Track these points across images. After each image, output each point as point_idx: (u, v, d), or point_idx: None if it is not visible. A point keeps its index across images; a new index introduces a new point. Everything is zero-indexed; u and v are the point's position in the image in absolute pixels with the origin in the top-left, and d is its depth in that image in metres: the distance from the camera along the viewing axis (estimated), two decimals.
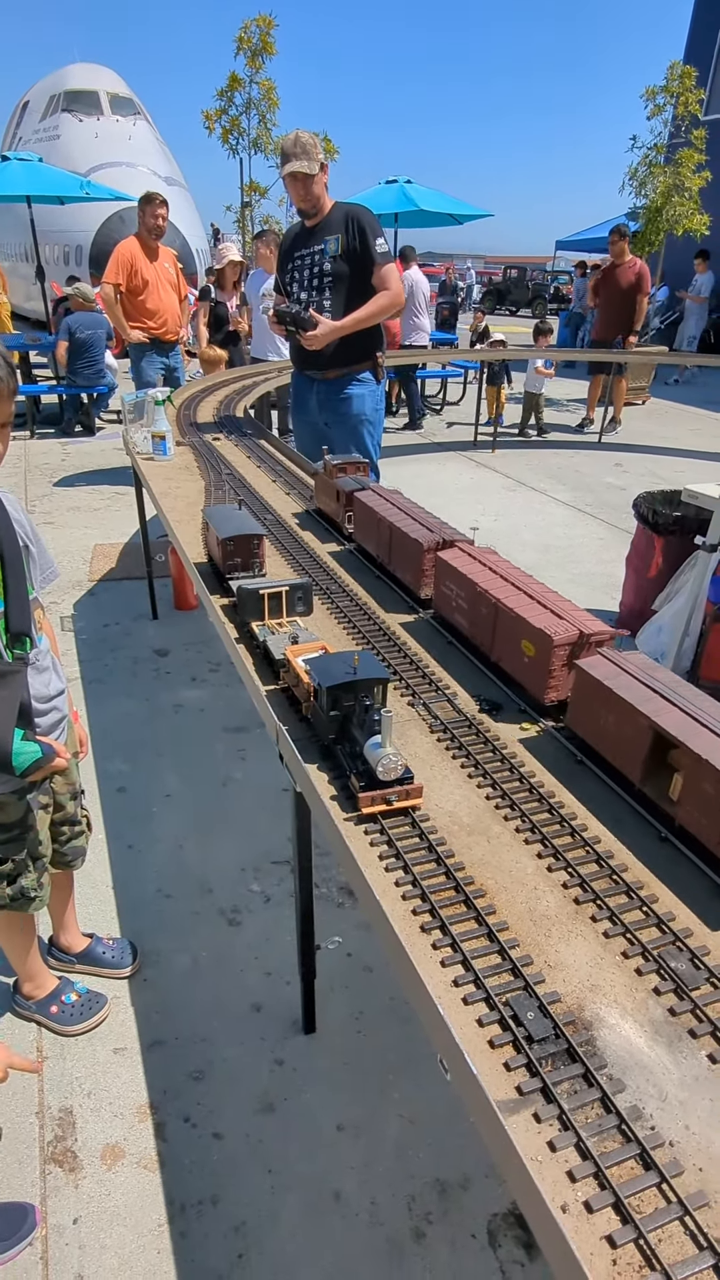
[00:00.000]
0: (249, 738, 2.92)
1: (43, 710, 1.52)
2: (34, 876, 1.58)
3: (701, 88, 11.10)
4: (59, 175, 9.40)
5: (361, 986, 1.92)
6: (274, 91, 14.07)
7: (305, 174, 3.02)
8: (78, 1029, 1.79)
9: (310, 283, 3.23)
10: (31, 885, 1.58)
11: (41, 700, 1.51)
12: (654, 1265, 0.67)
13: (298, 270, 3.28)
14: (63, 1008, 1.80)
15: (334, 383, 3.37)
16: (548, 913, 1.02)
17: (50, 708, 1.54)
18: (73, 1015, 1.80)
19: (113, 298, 5.43)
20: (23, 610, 1.39)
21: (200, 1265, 1.39)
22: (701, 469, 6.96)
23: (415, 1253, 1.42)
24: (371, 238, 3.10)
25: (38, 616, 1.48)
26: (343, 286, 3.18)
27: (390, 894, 1.05)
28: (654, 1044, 0.85)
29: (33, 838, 1.57)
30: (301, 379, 3.52)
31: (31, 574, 1.47)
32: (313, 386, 3.44)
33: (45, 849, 1.62)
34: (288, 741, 1.33)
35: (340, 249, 3.14)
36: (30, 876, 1.58)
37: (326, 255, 3.17)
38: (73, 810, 1.72)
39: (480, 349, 8.80)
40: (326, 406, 3.44)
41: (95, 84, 14.81)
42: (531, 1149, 0.75)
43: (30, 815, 1.55)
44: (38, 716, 1.49)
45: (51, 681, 1.55)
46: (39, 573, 1.52)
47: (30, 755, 1.38)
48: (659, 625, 3.23)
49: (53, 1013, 1.80)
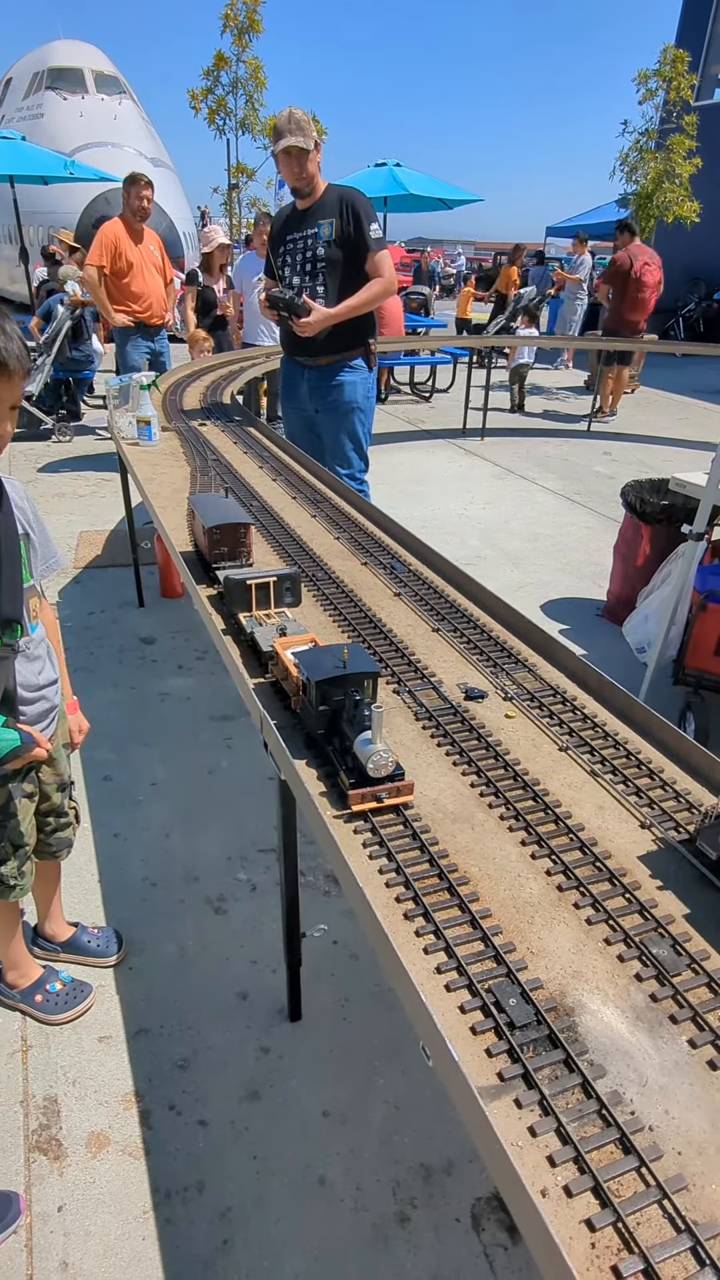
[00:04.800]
0: (236, 726, 2.91)
1: (30, 699, 1.50)
2: (14, 865, 1.58)
3: (693, 73, 11.04)
4: (43, 155, 9.23)
5: (347, 974, 1.93)
6: (261, 71, 13.89)
7: (300, 149, 2.94)
8: (62, 1018, 1.78)
9: (303, 267, 3.17)
10: (11, 873, 1.57)
11: (29, 689, 1.49)
12: (632, 1248, 0.67)
13: (290, 254, 3.21)
14: (47, 996, 1.80)
15: (325, 369, 3.31)
16: (531, 900, 1.03)
17: (38, 697, 1.52)
18: (57, 1004, 1.79)
19: (96, 280, 5.35)
20: (14, 597, 1.37)
21: (185, 1251, 1.40)
22: (689, 458, 6.98)
23: (400, 1237, 1.43)
24: (366, 223, 3.06)
25: (34, 605, 1.46)
26: (336, 272, 3.13)
27: (374, 881, 1.04)
28: (635, 1030, 0.86)
29: (13, 826, 1.55)
30: (292, 365, 3.45)
31: (31, 562, 1.45)
32: (303, 373, 3.38)
33: (28, 839, 1.61)
34: (274, 733, 1.32)
35: (335, 234, 3.08)
36: (10, 865, 1.57)
37: (320, 240, 3.11)
38: (59, 801, 1.71)
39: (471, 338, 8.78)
40: (317, 394, 3.38)
41: (80, 61, 14.54)
42: (512, 1134, 0.75)
43: (11, 803, 1.53)
44: (24, 705, 1.48)
45: (44, 670, 1.53)
46: (40, 561, 1.50)
47: (8, 743, 1.36)
48: (646, 614, 3.24)
49: (37, 1001, 1.79)
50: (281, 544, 2.14)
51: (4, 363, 1.23)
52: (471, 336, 8.77)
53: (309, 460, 2.93)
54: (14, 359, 1.25)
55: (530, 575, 4.47)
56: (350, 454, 3.47)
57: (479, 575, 1.95)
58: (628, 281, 7.86)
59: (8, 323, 1.25)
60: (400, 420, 8.32)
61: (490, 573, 4.42)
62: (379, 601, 1.86)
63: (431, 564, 2.07)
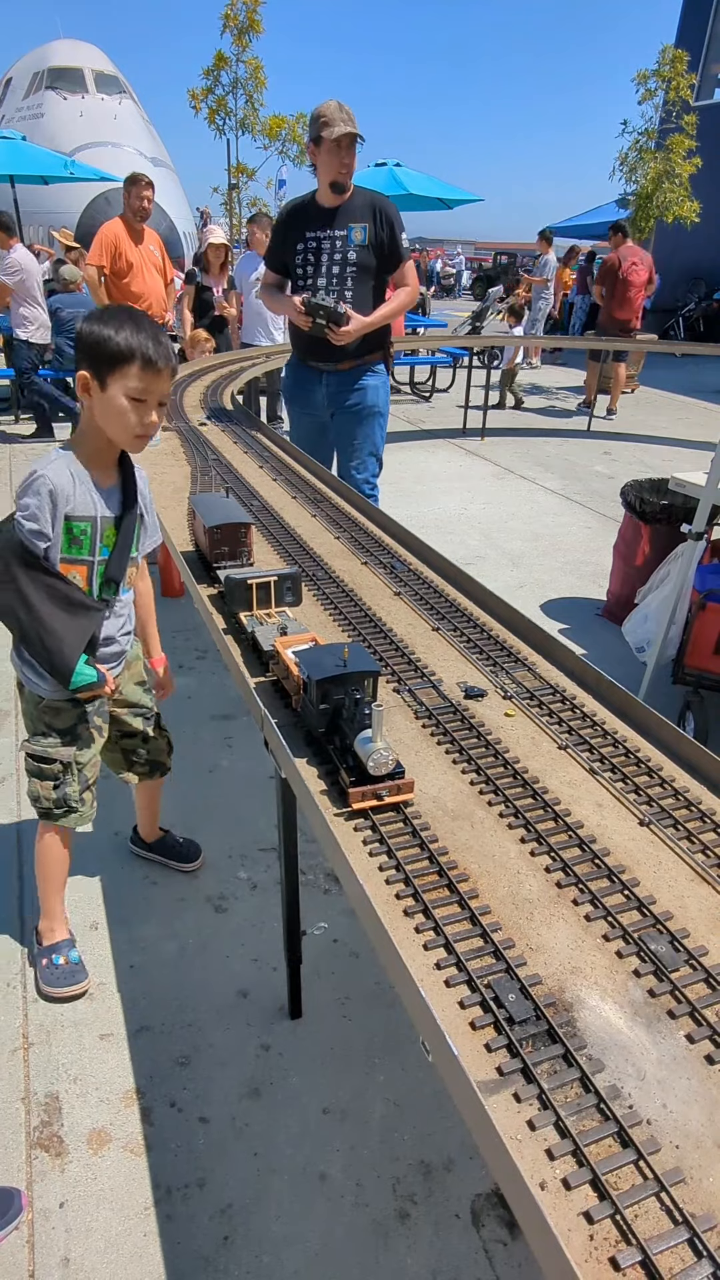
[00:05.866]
0: (236, 725, 2.92)
1: (106, 645, 1.73)
2: (77, 788, 1.75)
3: (693, 73, 11.04)
4: (43, 154, 9.25)
5: (347, 972, 1.93)
6: (261, 71, 13.89)
7: (356, 136, 2.83)
8: (55, 992, 1.83)
9: (329, 269, 3.04)
10: (74, 795, 1.75)
11: (108, 639, 1.73)
12: (630, 1240, 0.68)
13: (313, 253, 3.05)
14: (51, 967, 1.86)
15: (347, 374, 3.21)
16: (530, 896, 1.03)
17: (114, 645, 1.76)
18: (55, 978, 1.85)
19: (96, 280, 5.36)
20: (121, 564, 1.66)
21: (186, 1247, 1.40)
22: (689, 458, 6.98)
23: (400, 1233, 1.44)
24: (399, 232, 3.03)
25: (131, 573, 1.73)
26: (366, 278, 3.07)
27: (374, 878, 1.05)
28: (633, 1025, 0.86)
29: (81, 746, 1.74)
30: (305, 370, 3.30)
31: (140, 538, 1.72)
32: (321, 378, 3.25)
33: (93, 768, 1.79)
34: (274, 731, 1.33)
35: (369, 239, 3.01)
36: (74, 786, 1.74)
37: (352, 244, 3.02)
38: (141, 727, 1.92)
39: (473, 336, 8.78)
40: (337, 398, 3.27)
41: (80, 61, 14.57)
42: (511, 1128, 0.76)
43: (81, 725, 1.73)
44: (102, 648, 1.71)
45: (124, 626, 1.78)
46: (147, 538, 1.76)
47: (87, 677, 1.61)
48: (645, 614, 3.24)
49: (43, 965, 1.87)
50: (282, 543, 2.14)
51: (153, 361, 1.46)
52: (471, 336, 8.76)
53: (309, 460, 2.94)
54: (163, 359, 1.48)
55: (530, 575, 4.47)
56: (368, 458, 3.41)
57: (479, 575, 1.96)
58: (616, 281, 7.96)
59: (156, 329, 1.49)
60: (400, 420, 8.32)
61: (490, 572, 4.42)
62: (379, 601, 1.86)
63: (431, 563, 2.08)
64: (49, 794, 1.73)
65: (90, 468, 1.59)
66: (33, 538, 1.54)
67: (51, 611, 1.55)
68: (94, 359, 1.46)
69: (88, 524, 1.58)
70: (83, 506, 1.57)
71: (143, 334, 1.45)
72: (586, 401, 8.62)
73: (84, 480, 1.58)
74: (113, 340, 1.44)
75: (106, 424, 1.53)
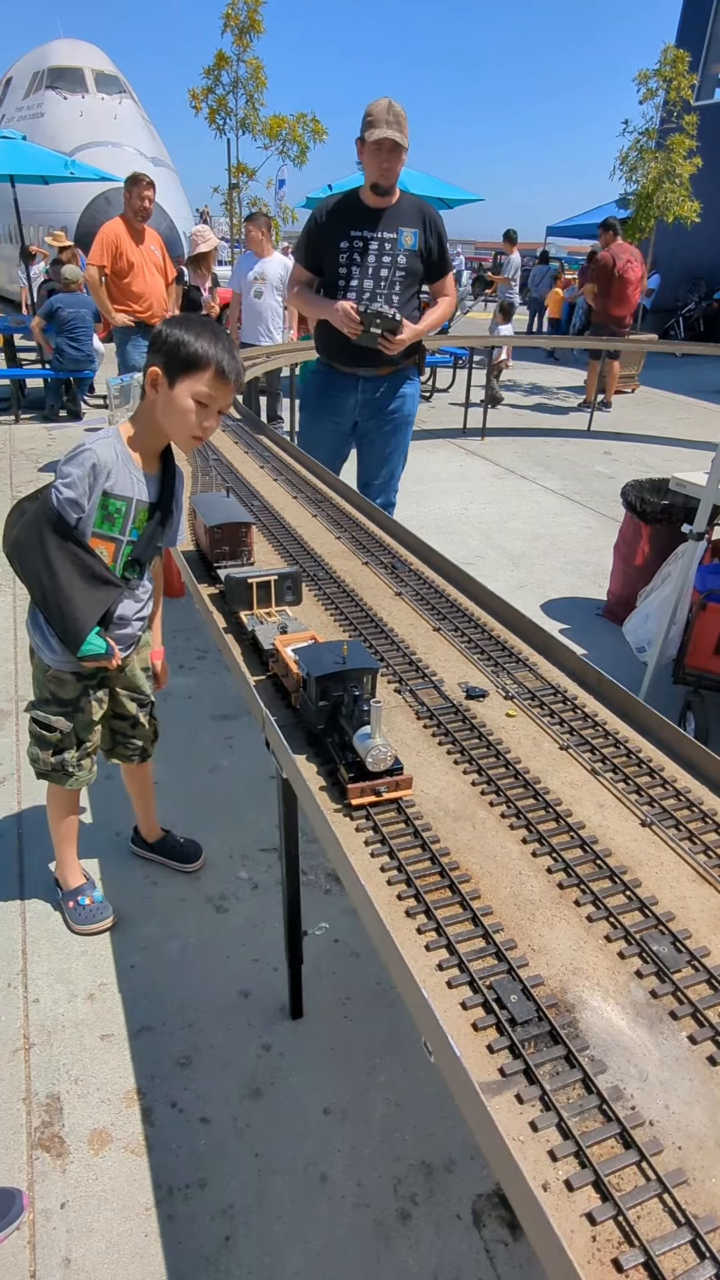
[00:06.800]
0: (237, 725, 2.91)
1: (120, 625, 1.79)
2: (74, 755, 1.84)
3: (693, 73, 11.03)
4: (43, 154, 9.23)
5: (348, 972, 1.93)
6: (262, 71, 13.86)
7: (397, 144, 2.73)
8: (84, 929, 2.00)
9: (377, 272, 2.93)
10: (71, 761, 1.84)
11: (123, 618, 1.79)
12: (632, 1241, 0.68)
13: (359, 252, 2.92)
14: (78, 907, 2.02)
15: (385, 380, 3.10)
16: (532, 897, 1.03)
17: (126, 627, 1.81)
18: (83, 916, 2.01)
19: (97, 280, 5.36)
20: (151, 551, 1.75)
21: (188, 1247, 1.40)
22: (689, 457, 6.98)
23: (401, 1234, 1.44)
24: (445, 241, 3.02)
25: (156, 563, 1.84)
26: (412, 284, 3.01)
27: (375, 879, 1.05)
28: (635, 1026, 0.86)
29: (81, 719, 1.82)
30: (336, 375, 3.12)
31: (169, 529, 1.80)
32: (357, 384, 3.10)
33: (93, 739, 1.88)
34: (275, 730, 1.33)
35: (419, 245, 2.96)
36: (72, 754, 1.84)
37: (402, 248, 2.91)
38: (134, 711, 1.96)
39: (471, 337, 8.78)
40: (372, 405, 3.13)
41: (80, 61, 14.55)
42: (514, 1129, 0.76)
43: (84, 699, 1.81)
44: (115, 627, 1.77)
45: (141, 610, 1.84)
46: (174, 533, 1.83)
47: (96, 647, 1.67)
48: (646, 613, 3.24)
49: (69, 907, 2.02)
50: (282, 543, 2.14)
51: (224, 372, 1.54)
52: (471, 337, 8.76)
53: (310, 460, 2.93)
54: (234, 374, 1.56)
55: (530, 575, 4.47)
56: (396, 466, 3.35)
57: (479, 575, 1.96)
58: (612, 279, 7.98)
59: (232, 345, 1.57)
60: None
61: (491, 572, 4.42)
62: (380, 601, 1.86)
63: (432, 563, 2.07)
64: (48, 759, 1.84)
65: (136, 453, 1.66)
66: (67, 506, 1.60)
67: (72, 580, 1.61)
68: (170, 358, 1.53)
69: (124, 503, 1.65)
70: (122, 486, 1.64)
71: (220, 346, 1.54)
72: (586, 401, 8.64)
73: (128, 462, 1.65)
74: (192, 345, 1.52)
75: (167, 420, 1.59)
